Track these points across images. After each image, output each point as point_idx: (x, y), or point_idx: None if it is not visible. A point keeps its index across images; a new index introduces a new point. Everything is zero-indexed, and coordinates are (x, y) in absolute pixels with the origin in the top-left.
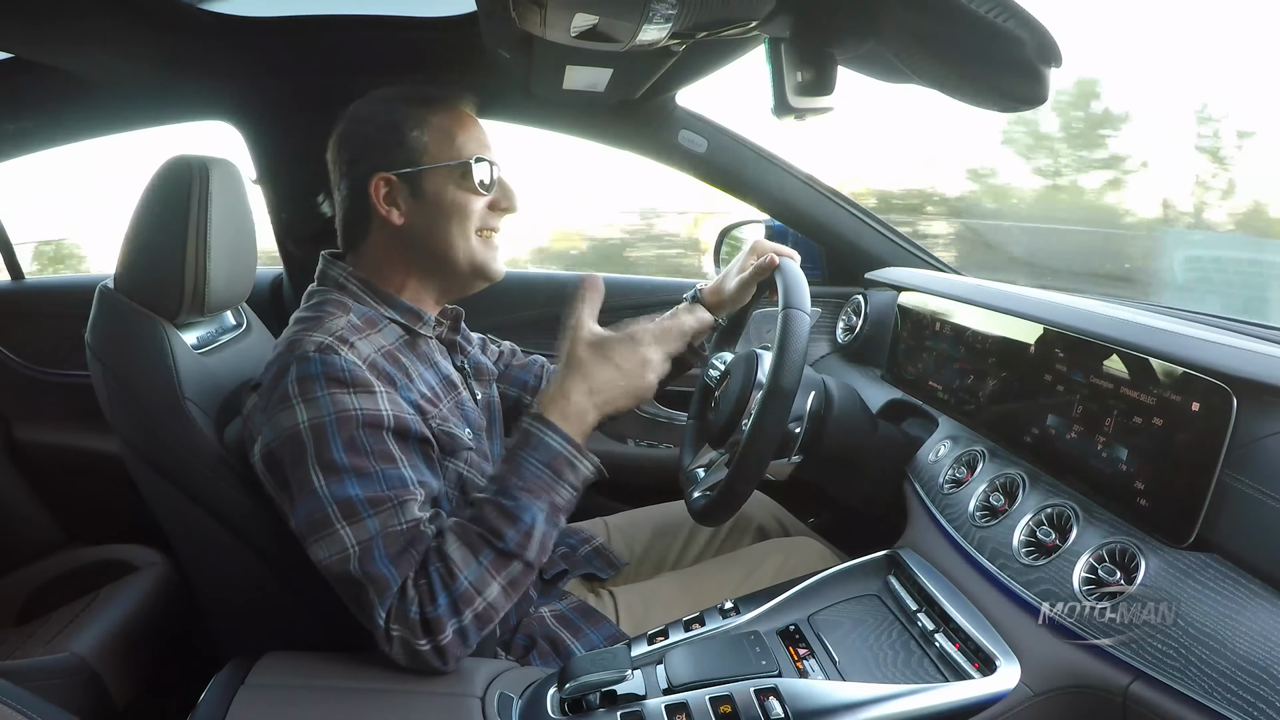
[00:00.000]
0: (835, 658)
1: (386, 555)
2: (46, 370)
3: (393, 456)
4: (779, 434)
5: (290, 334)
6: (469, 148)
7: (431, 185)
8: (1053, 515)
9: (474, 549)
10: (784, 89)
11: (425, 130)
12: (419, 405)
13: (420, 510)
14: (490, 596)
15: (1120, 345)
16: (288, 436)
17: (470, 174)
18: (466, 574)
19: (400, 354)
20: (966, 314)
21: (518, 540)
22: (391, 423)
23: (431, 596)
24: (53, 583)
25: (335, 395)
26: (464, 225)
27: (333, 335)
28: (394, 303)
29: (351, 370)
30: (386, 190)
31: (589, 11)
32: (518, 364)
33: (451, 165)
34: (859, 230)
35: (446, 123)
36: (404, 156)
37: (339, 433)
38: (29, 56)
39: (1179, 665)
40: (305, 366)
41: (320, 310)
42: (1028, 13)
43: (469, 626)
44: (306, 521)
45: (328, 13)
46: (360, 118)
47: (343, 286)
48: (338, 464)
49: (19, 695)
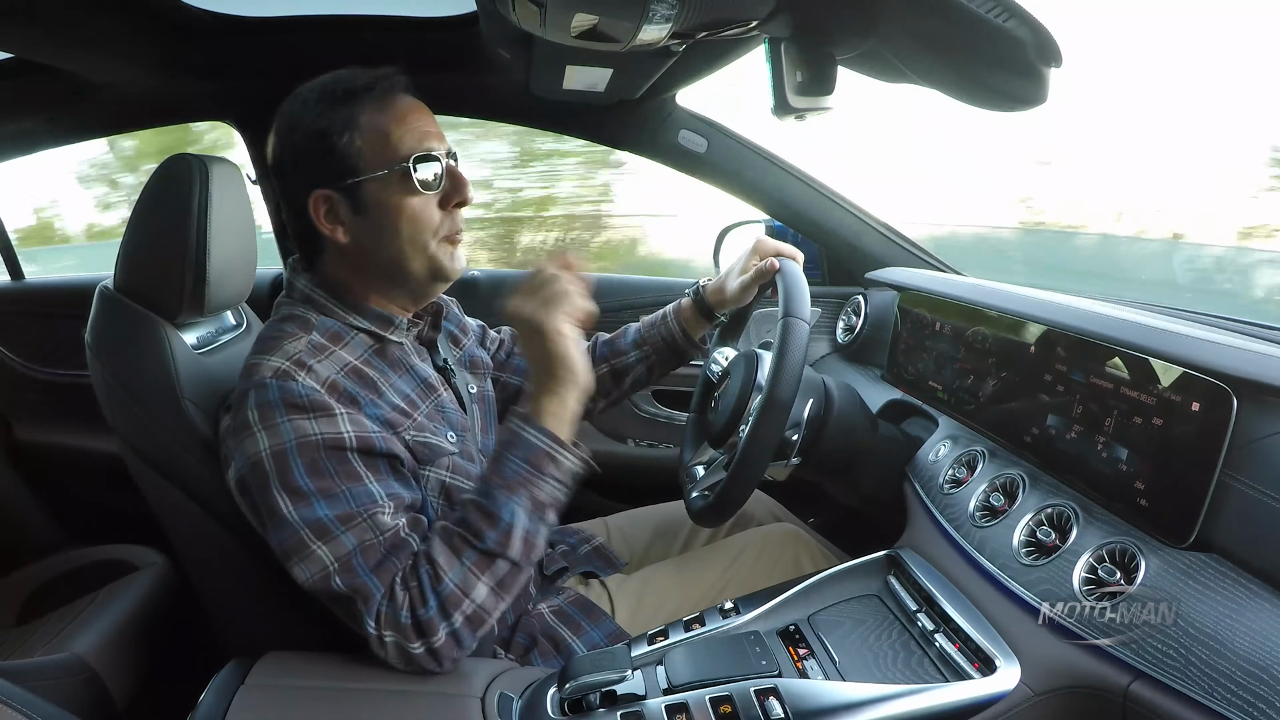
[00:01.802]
0: (835, 658)
1: (366, 566)
2: (46, 370)
3: (358, 474)
4: (776, 442)
5: (252, 356)
6: (407, 143)
7: (373, 196)
8: (1053, 515)
9: (457, 551)
10: (784, 89)
11: (355, 134)
12: (389, 419)
13: (393, 519)
14: (478, 598)
15: (1120, 345)
16: (252, 464)
17: (411, 175)
18: (451, 576)
19: (368, 367)
20: (966, 314)
21: (497, 539)
22: (354, 443)
23: (422, 599)
24: (53, 583)
25: (295, 421)
26: (415, 234)
27: (290, 360)
28: (362, 310)
29: (309, 395)
30: (327, 208)
31: (589, 11)
32: (519, 351)
33: (388, 171)
34: (859, 230)
35: (378, 119)
36: (337, 168)
37: (300, 458)
38: (30, 57)
39: (1179, 665)
40: (263, 394)
41: (280, 330)
42: (1028, 13)
43: (461, 630)
44: (281, 546)
45: (328, 13)
46: (287, 126)
47: (309, 299)
48: (303, 488)
49: (19, 695)
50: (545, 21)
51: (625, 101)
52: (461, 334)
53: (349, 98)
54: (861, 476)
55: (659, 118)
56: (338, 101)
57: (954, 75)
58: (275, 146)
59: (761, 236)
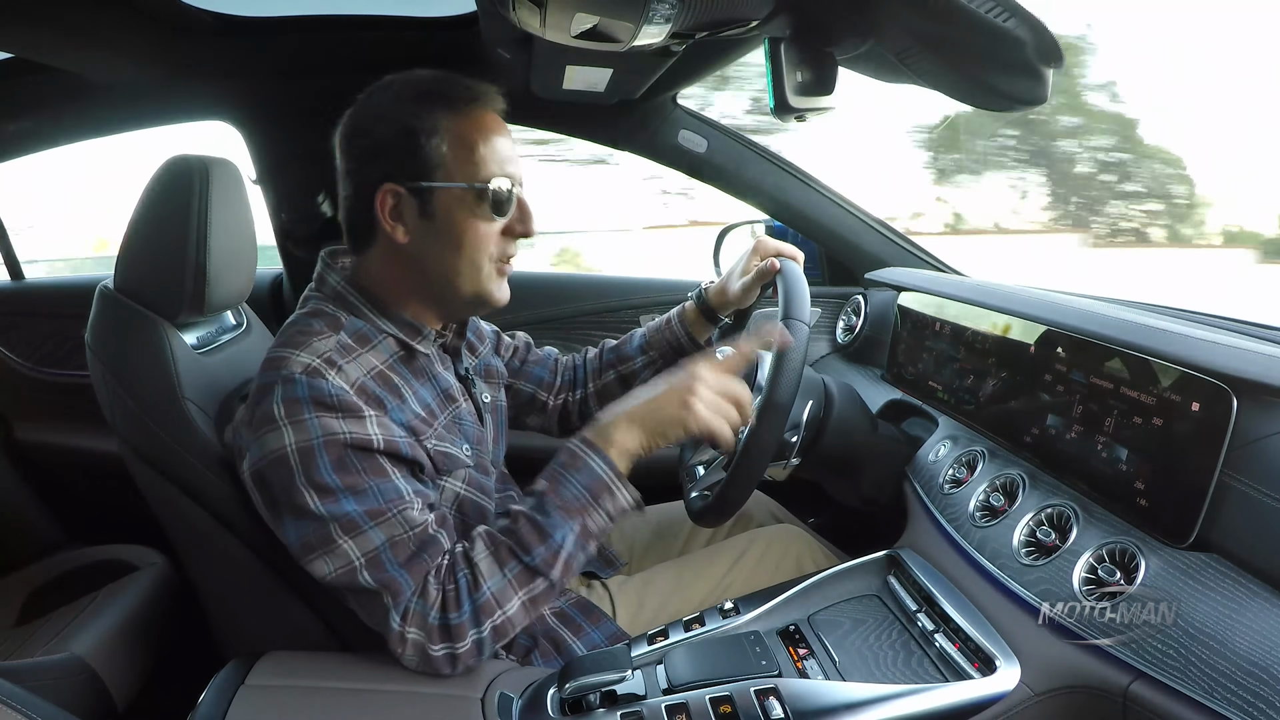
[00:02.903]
0: (835, 658)
1: (396, 561)
2: (46, 370)
3: (385, 472)
4: (775, 445)
5: (277, 349)
6: (489, 164)
7: (443, 205)
8: (1053, 515)
9: (501, 560)
10: (784, 89)
11: (444, 140)
12: (411, 426)
13: (421, 515)
14: (510, 610)
15: (1120, 345)
16: (276, 459)
17: (487, 197)
18: (491, 584)
19: (393, 373)
20: (966, 314)
21: (545, 557)
22: (381, 445)
23: (457, 602)
24: (53, 583)
25: (323, 419)
26: (474, 254)
27: (320, 357)
28: (393, 316)
29: (339, 395)
30: (394, 203)
31: (589, 11)
32: (533, 360)
33: (466, 187)
34: (859, 230)
35: (468, 131)
36: (416, 168)
37: (327, 454)
38: (30, 57)
39: (1179, 665)
40: (291, 389)
41: (309, 325)
42: (1029, 13)
43: (486, 638)
44: (301, 541)
45: (328, 13)
46: (374, 114)
47: (340, 297)
48: (330, 484)
49: (19, 695)
50: (545, 21)
51: (625, 101)
52: (478, 341)
53: (446, 102)
54: (861, 476)
55: (659, 118)
56: (435, 104)
57: (954, 75)
58: (352, 130)
59: (761, 236)
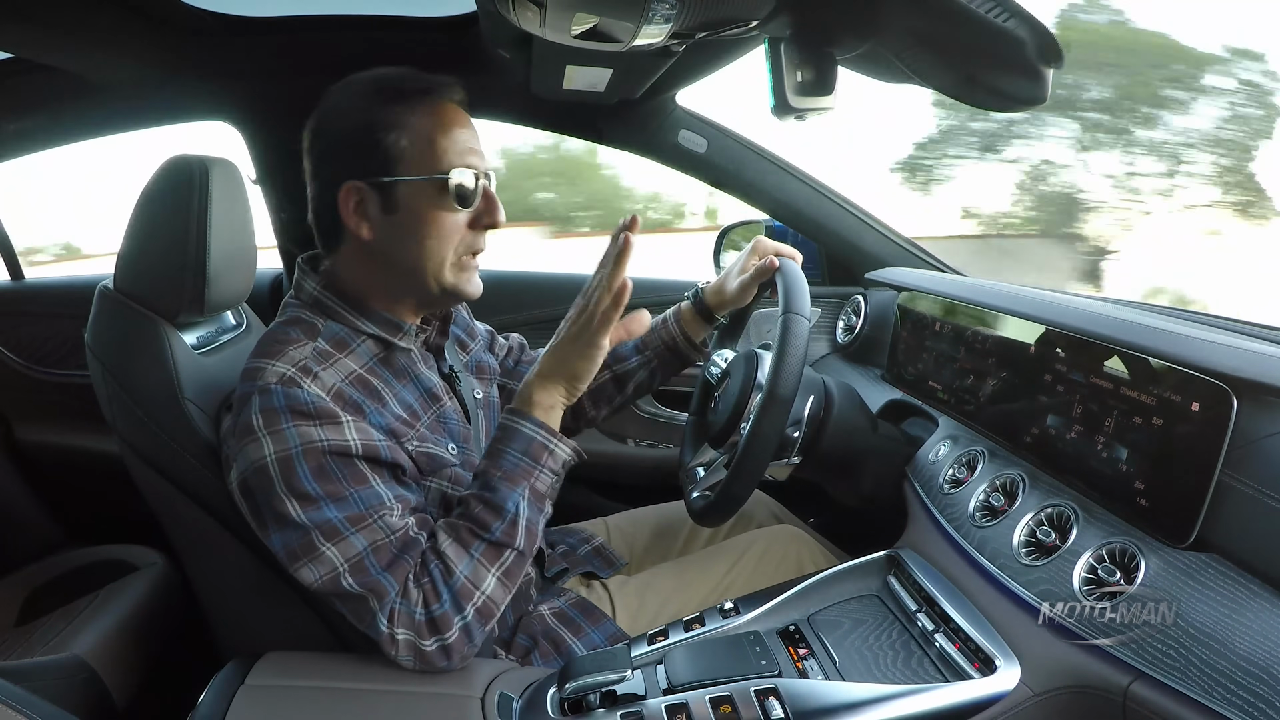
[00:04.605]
0: (835, 658)
1: (379, 565)
2: (46, 370)
3: (365, 477)
4: (777, 440)
5: (254, 359)
6: (451, 155)
7: (406, 199)
8: (1053, 515)
9: (465, 544)
10: (784, 89)
11: (403, 134)
12: (393, 428)
13: (401, 520)
14: (488, 589)
15: (1120, 345)
16: (257, 469)
17: (449, 189)
18: (462, 569)
19: (372, 376)
20: (966, 314)
21: (504, 529)
22: (359, 450)
23: (436, 594)
24: (53, 583)
25: (300, 427)
26: (438, 246)
27: (295, 366)
28: (371, 314)
29: (315, 403)
30: (357, 200)
31: (589, 11)
32: (527, 360)
33: (428, 180)
34: (859, 230)
35: (428, 125)
36: (377, 164)
37: (306, 462)
38: (29, 56)
39: (1179, 665)
40: (268, 399)
41: (285, 334)
42: (1029, 13)
43: (472, 623)
44: (286, 549)
45: (328, 13)
46: (334, 113)
47: (317, 302)
48: (310, 492)
49: (19, 695)
50: (545, 22)
51: (625, 101)
52: (469, 338)
53: (402, 97)
54: (861, 477)
55: (659, 118)
56: (391, 99)
57: (954, 75)
58: (315, 131)
59: (760, 237)
